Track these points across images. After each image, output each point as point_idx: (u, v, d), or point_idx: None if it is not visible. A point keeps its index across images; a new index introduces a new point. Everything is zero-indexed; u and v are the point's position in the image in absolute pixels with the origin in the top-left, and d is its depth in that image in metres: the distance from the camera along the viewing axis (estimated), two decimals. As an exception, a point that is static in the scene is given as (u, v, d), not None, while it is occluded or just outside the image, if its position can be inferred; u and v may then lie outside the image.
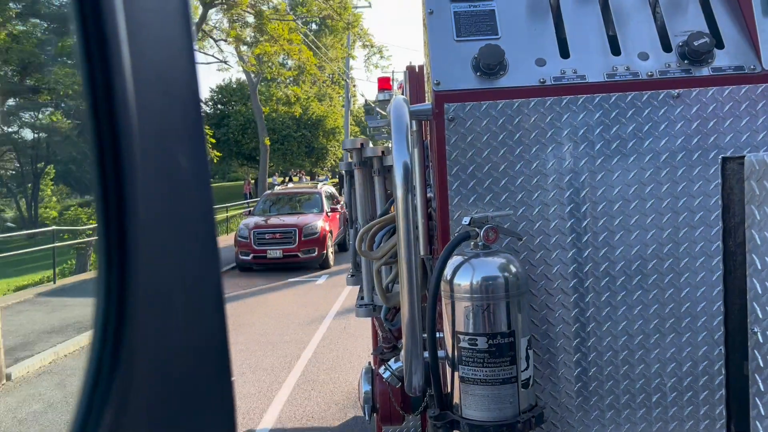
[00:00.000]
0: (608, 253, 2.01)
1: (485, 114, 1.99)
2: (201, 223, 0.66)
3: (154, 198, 0.60)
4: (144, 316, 0.59)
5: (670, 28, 2.07)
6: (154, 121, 0.60)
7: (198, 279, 0.65)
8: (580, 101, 1.99)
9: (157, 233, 0.60)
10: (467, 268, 1.79)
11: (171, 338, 0.62)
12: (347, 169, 3.56)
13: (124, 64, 0.56)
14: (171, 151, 0.62)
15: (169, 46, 0.63)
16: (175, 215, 0.63)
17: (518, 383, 1.77)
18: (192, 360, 0.64)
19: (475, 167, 2.01)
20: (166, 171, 0.62)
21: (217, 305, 0.66)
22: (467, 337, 1.78)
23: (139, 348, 0.59)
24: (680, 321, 2.02)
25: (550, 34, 2.08)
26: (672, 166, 1.99)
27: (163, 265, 0.61)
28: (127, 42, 0.56)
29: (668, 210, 1.99)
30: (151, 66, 0.60)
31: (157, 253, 0.60)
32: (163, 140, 0.62)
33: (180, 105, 0.64)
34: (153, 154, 0.60)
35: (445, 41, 2.07)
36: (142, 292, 0.59)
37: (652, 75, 2.00)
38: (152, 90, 0.60)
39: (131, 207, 0.58)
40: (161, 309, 0.61)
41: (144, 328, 0.59)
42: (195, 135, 0.65)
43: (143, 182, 0.58)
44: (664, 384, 2.03)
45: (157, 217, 0.60)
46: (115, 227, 0.58)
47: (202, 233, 0.65)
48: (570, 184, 2.00)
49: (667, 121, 1.99)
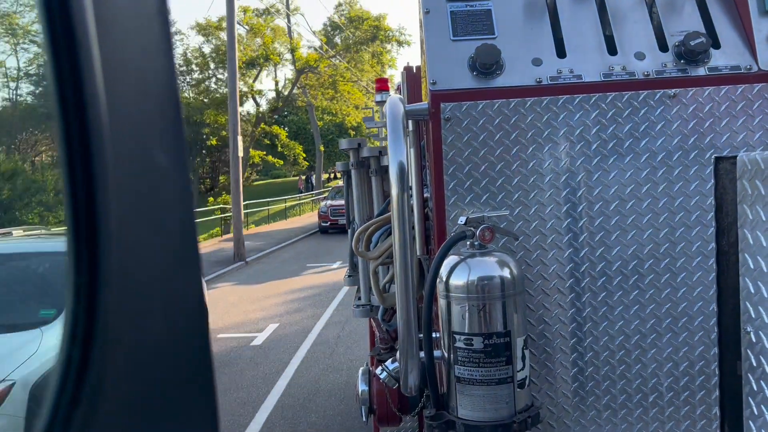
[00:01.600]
0: (605, 252, 2.01)
1: (482, 113, 1.99)
2: (180, 221, 0.64)
3: (127, 195, 0.58)
4: (117, 317, 0.58)
5: (667, 27, 2.07)
6: (127, 118, 0.59)
7: (177, 278, 0.64)
8: (576, 101, 1.99)
9: (132, 232, 0.59)
10: (463, 268, 1.79)
11: (148, 339, 0.60)
12: (345, 169, 3.56)
13: (94, 59, 0.54)
14: (146, 148, 0.61)
15: (146, 45, 0.61)
16: (152, 213, 0.61)
17: (514, 383, 1.77)
18: (171, 361, 0.63)
19: (471, 167, 2.01)
20: (141, 168, 0.60)
21: (197, 304, 0.65)
22: (463, 337, 1.77)
23: (112, 350, 0.57)
24: (677, 321, 2.01)
25: (547, 33, 2.08)
26: (668, 165, 1.99)
27: (139, 265, 0.59)
28: (96, 36, 0.54)
29: (664, 209, 1.99)
30: (125, 64, 0.59)
31: (132, 253, 0.59)
32: (137, 137, 0.60)
33: (157, 101, 0.63)
34: (126, 151, 0.58)
35: (441, 41, 2.07)
36: (115, 293, 0.57)
37: (648, 75, 2.00)
38: (125, 86, 0.59)
39: (101, 204, 0.56)
40: (136, 310, 0.59)
41: (117, 329, 0.57)
42: (173, 132, 0.64)
43: (115, 179, 0.56)
44: (661, 384, 2.03)
45: (130, 215, 0.59)
46: (84, 226, 0.56)
47: (181, 231, 0.64)
48: (566, 184, 2.00)
49: (664, 121, 1.99)
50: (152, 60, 0.62)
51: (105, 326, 0.57)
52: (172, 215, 0.63)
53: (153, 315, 0.61)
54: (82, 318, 0.57)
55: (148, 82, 0.62)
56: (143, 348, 0.60)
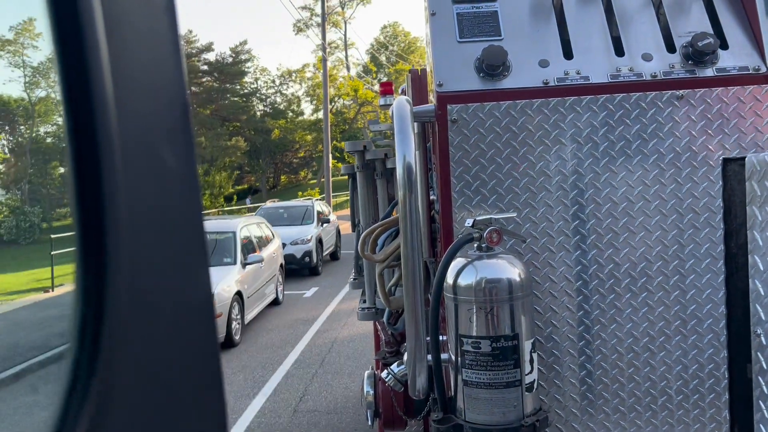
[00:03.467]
0: (613, 254, 1.99)
1: (488, 115, 1.98)
2: (189, 225, 0.64)
3: (135, 198, 0.58)
4: (125, 321, 0.57)
5: (674, 28, 2.06)
6: (135, 118, 0.58)
7: (185, 282, 0.63)
8: (583, 102, 1.98)
9: (140, 235, 0.58)
10: (470, 271, 1.78)
11: (156, 344, 0.60)
12: (350, 171, 3.55)
13: (102, 60, 0.54)
14: (156, 151, 0.60)
15: (154, 44, 0.61)
16: (161, 216, 0.61)
17: (522, 387, 1.75)
18: (179, 367, 0.62)
19: (478, 168, 2.00)
20: (151, 171, 0.60)
21: (205, 310, 0.65)
22: (471, 340, 1.76)
23: (120, 354, 0.57)
24: (686, 323, 2.00)
25: (554, 35, 2.07)
26: (676, 167, 1.97)
27: (147, 269, 0.59)
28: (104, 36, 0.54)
29: (672, 211, 1.98)
30: (133, 63, 0.58)
31: (140, 256, 0.58)
32: (146, 139, 0.60)
33: (166, 103, 0.62)
34: (134, 154, 0.58)
35: (447, 42, 2.06)
36: (123, 297, 0.57)
37: (656, 76, 1.99)
38: (134, 87, 0.58)
39: (110, 207, 0.55)
40: (144, 314, 0.59)
41: (125, 333, 0.57)
42: (183, 134, 0.63)
43: (123, 182, 0.56)
44: (670, 387, 2.01)
45: (139, 219, 0.58)
46: (93, 228, 0.56)
47: (189, 235, 0.63)
48: (574, 186, 1.99)
49: (672, 122, 1.97)
50: (161, 61, 0.62)
51: (113, 331, 0.56)
52: (182, 218, 0.63)
53: (161, 316, 0.60)
54: (90, 323, 0.56)
55: (157, 82, 0.61)
56: (151, 353, 0.59)
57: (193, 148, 0.65)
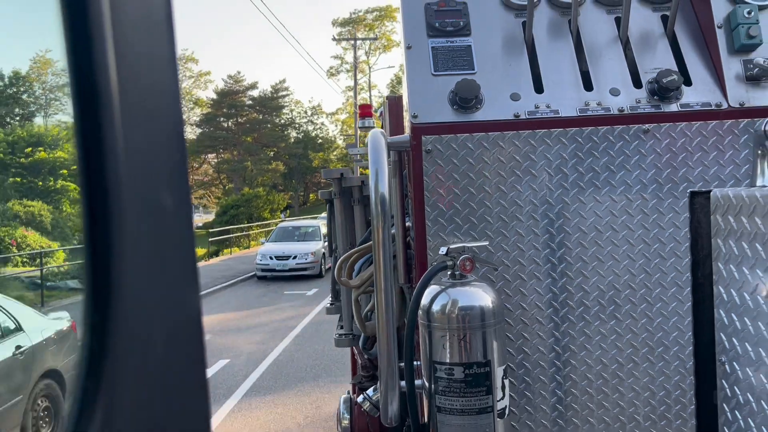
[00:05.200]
0: (582, 282, 2.05)
1: (462, 146, 2.04)
2: (183, 263, 0.68)
3: (138, 239, 0.63)
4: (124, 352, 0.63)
5: (640, 65, 2.14)
6: (141, 163, 0.64)
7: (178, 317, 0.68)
8: (553, 135, 2.04)
9: (139, 273, 0.63)
10: (444, 298, 1.82)
11: (150, 373, 0.65)
12: (327, 197, 3.58)
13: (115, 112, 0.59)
14: (156, 191, 0.65)
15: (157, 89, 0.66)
16: (158, 254, 0.66)
17: (494, 413, 1.78)
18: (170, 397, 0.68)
19: (452, 197, 2.04)
20: (151, 211, 0.65)
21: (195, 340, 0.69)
22: (444, 367, 1.79)
23: (119, 381, 0.62)
24: (653, 350, 2.05)
25: (525, 69, 2.14)
26: (643, 198, 2.04)
27: (144, 305, 0.64)
28: (118, 90, 0.59)
29: (639, 241, 2.04)
30: (140, 109, 0.64)
31: (140, 294, 0.63)
32: (148, 181, 0.65)
33: (165, 143, 0.67)
34: (139, 196, 0.63)
35: (422, 75, 2.12)
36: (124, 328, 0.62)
37: (623, 110, 2.06)
38: (140, 131, 0.63)
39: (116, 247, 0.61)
40: (141, 347, 0.64)
41: (124, 362, 0.63)
42: (179, 174, 0.68)
43: (128, 222, 0.61)
44: (638, 413, 2.06)
45: (141, 258, 0.63)
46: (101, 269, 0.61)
47: (183, 273, 0.68)
48: (544, 215, 2.05)
49: (638, 155, 2.04)
50: (163, 112, 0.67)
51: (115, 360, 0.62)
52: (177, 255, 0.67)
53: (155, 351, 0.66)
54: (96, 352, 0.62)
55: (159, 129, 0.66)
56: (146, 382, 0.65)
57: (189, 190, 0.70)
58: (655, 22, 2.22)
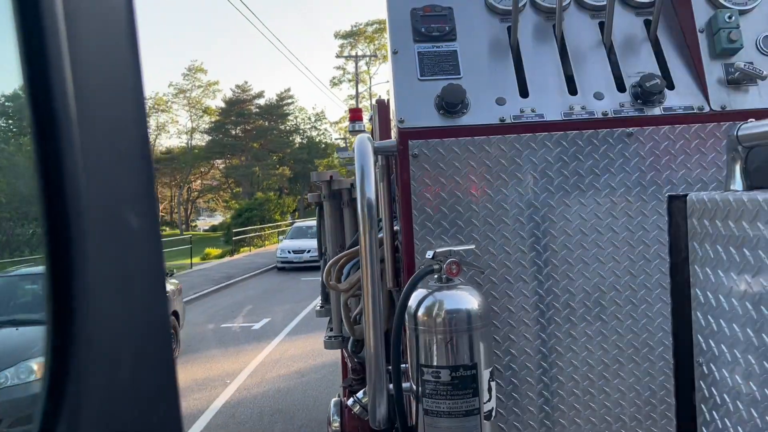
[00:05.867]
0: (568, 285, 2.07)
1: (448, 150, 2.05)
2: (150, 281, 0.68)
3: (102, 260, 0.62)
4: (89, 372, 0.61)
5: (624, 69, 2.16)
6: (104, 182, 0.63)
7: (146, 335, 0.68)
8: (539, 138, 2.06)
9: (104, 294, 0.62)
10: (430, 301, 1.83)
11: (118, 394, 0.64)
12: (317, 201, 3.59)
13: (74, 134, 0.59)
14: (120, 211, 0.64)
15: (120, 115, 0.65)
16: (124, 275, 0.65)
17: (481, 415, 1.80)
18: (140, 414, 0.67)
19: (438, 202, 2.06)
20: (115, 231, 0.64)
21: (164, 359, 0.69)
22: (431, 370, 1.80)
23: (84, 402, 0.61)
24: (638, 351, 2.07)
25: (510, 74, 2.16)
26: (627, 200, 2.07)
27: (109, 324, 0.63)
28: (76, 117, 0.59)
29: (624, 243, 2.06)
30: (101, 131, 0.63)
31: (103, 313, 0.62)
32: (112, 201, 0.64)
33: (130, 166, 0.67)
34: (102, 216, 0.62)
35: (409, 80, 2.13)
36: (86, 356, 0.61)
37: (607, 114, 2.09)
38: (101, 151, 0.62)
39: (79, 270, 0.60)
40: (107, 366, 0.63)
41: (88, 383, 0.61)
42: (146, 195, 0.68)
43: (92, 245, 0.60)
44: (624, 413, 2.08)
45: (104, 279, 0.62)
46: (62, 294, 0.60)
47: (150, 291, 0.68)
48: (530, 218, 2.07)
49: (622, 158, 2.07)
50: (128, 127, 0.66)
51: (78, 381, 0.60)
52: (144, 275, 0.67)
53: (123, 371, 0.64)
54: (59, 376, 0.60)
55: (123, 146, 0.66)
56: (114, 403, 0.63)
57: (156, 206, 0.69)
58: (638, 26, 2.25)
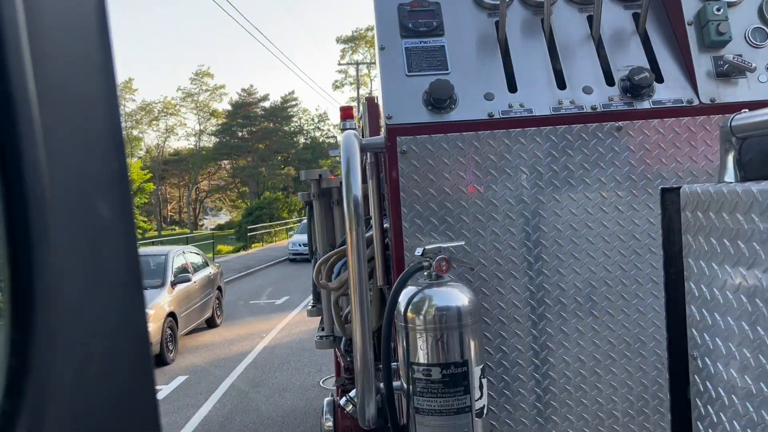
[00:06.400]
0: (559, 280, 2.06)
1: (437, 146, 2.04)
2: (125, 273, 0.65)
3: (67, 250, 0.59)
4: (52, 369, 0.58)
5: (613, 63, 2.15)
6: (69, 167, 0.60)
7: (121, 330, 0.65)
8: (528, 134, 2.05)
9: (70, 286, 0.59)
10: (420, 299, 1.81)
11: (87, 393, 0.61)
12: (306, 200, 3.57)
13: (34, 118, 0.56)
14: (89, 199, 0.62)
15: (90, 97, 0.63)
16: (94, 266, 0.62)
17: (472, 412, 1.78)
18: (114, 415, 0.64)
19: (427, 198, 2.04)
20: (83, 221, 0.61)
21: (141, 355, 0.67)
22: (421, 368, 1.79)
23: (47, 402, 0.58)
24: (630, 346, 2.06)
25: (498, 69, 2.14)
26: (617, 195, 2.05)
27: (77, 318, 0.60)
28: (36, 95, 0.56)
29: (615, 238, 2.05)
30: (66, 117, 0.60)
31: (70, 306, 0.59)
32: (79, 187, 0.61)
33: (101, 153, 0.64)
34: (67, 203, 0.59)
35: (396, 76, 2.11)
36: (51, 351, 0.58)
37: (596, 108, 2.07)
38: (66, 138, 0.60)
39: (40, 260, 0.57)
40: (75, 363, 0.60)
41: (52, 381, 0.58)
42: (118, 183, 0.65)
43: (54, 232, 0.57)
44: (617, 408, 2.07)
45: (70, 269, 0.59)
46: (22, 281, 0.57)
47: (125, 283, 0.65)
48: (520, 214, 2.05)
49: (612, 152, 2.06)
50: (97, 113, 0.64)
51: (39, 384, 0.57)
52: (117, 267, 0.65)
53: (93, 368, 0.61)
54: (18, 373, 0.57)
55: (92, 134, 0.63)
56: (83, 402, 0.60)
57: (129, 196, 0.67)
58: (626, 20, 2.24)
